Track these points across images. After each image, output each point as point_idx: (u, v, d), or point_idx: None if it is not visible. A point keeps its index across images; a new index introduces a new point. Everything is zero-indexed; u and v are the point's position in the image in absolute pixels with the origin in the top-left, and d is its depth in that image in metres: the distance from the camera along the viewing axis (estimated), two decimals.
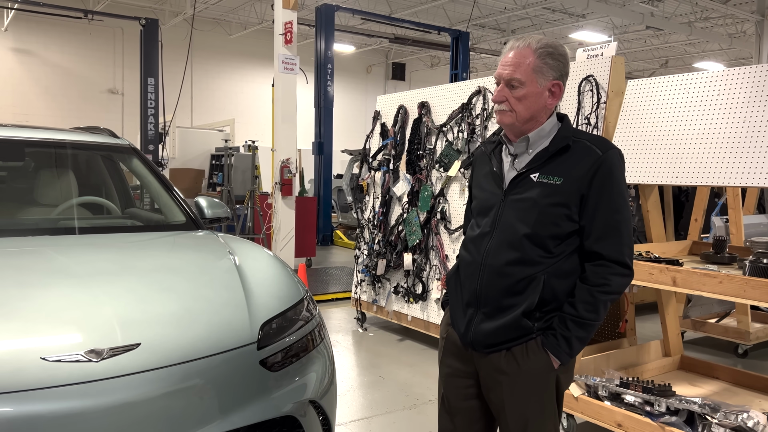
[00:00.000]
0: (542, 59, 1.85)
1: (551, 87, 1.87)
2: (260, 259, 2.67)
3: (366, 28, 16.58)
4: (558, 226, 1.85)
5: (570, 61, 1.95)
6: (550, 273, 1.85)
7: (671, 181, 3.35)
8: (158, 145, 10.52)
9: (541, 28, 17.18)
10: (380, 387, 4.24)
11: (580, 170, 1.83)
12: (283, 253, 8.33)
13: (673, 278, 2.95)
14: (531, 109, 1.86)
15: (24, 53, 16.28)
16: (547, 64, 1.85)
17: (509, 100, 1.88)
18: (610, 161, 1.83)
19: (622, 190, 1.84)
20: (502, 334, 1.87)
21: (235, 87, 19.25)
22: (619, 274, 1.82)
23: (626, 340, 4.19)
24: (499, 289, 1.88)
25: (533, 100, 1.86)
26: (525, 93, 1.85)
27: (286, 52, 8.18)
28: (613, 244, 1.83)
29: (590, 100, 3.91)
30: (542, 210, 1.84)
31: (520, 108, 1.87)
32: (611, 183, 1.82)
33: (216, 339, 2.02)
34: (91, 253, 2.52)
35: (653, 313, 6.11)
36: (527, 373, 1.88)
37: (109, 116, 17.28)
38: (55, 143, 3.31)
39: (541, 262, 1.85)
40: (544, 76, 1.85)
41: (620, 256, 1.82)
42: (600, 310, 1.83)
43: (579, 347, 1.85)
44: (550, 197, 1.84)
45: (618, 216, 1.82)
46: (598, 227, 1.83)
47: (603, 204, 1.82)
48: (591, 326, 1.83)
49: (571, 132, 1.92)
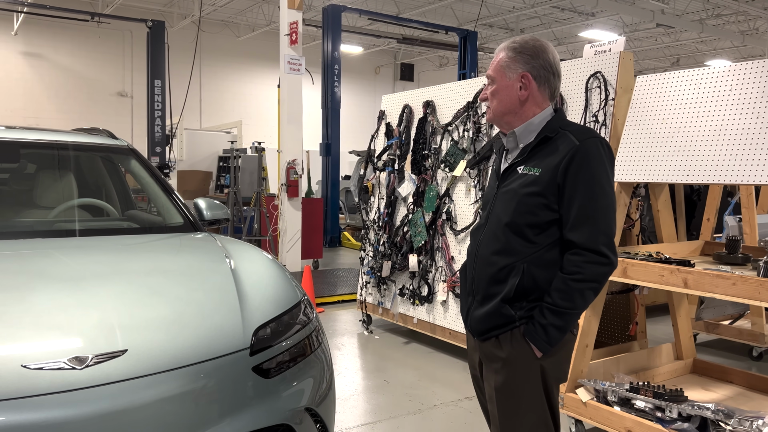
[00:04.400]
0: (508, 54, 1.94)
1: (521, 79, 1.93)
2: (256, 262, 2.60)
3: (374, 28, 16.51)
4: (535, 215, 1.89)
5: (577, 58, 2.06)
6: (530, 262, 1.90)
7: (682, 180, 3.24)
8: (165, 147, 10.50)
9: (550, 27, 17.04)
10: (385, 391, 4.16)
11: (556, 159, 1.88)
12: (290, 255, 8.28)
13: (685, 280, 2.85)
14: (504, 103, 1.95)
15: (34, 57, 16.38)
16: (513, 59, 1.93)
17: (488, 97, 2.01)
18: (585, 149, 1.85)
19: (600, 178, 1.85)
20: (488, 321, 1.96)
21: (244, 89, 19.27)
22: (593, 262, 1.83)
23: (637, 343, 4.09)
24: (486, 278, 1.97)
25: (504, 94, 1.94)
26: (496, 88, 1.96)
27: (291, 52, 8.14)
28: (587, 233, 1.84)
29: (598, 96, 3.82)
30: (520, 200, 1.91)
31: (494, 103, 1.98)
32: (586, 171, 1.84)
33: (207, 345, 1.95)
34: (83, 255, 2.46)
35: (665, 315, 5.99)
36: (511, 362, 1.94)
37: (119, 119, 17.35)
38: (51, 144, 3.26)
39: (521, 251, 1.91)
40: (511, 69, 1.93)
41: (594, 245, 1.83)
42: (575, 299, 1.84)
43: (556, 335, 1.87)
44: (527, 187, 1.90)
45: (593, 204, 1.84)
46: (572, 216, 1.85)
47: (578, 193, 1.84)
48: (567, 315, 1.85)
49: (559, 124, 1.95)
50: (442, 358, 4.88)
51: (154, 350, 1.84)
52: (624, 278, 3.14)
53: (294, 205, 8.30)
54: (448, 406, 3.90)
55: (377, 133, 5.75)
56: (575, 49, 18.96)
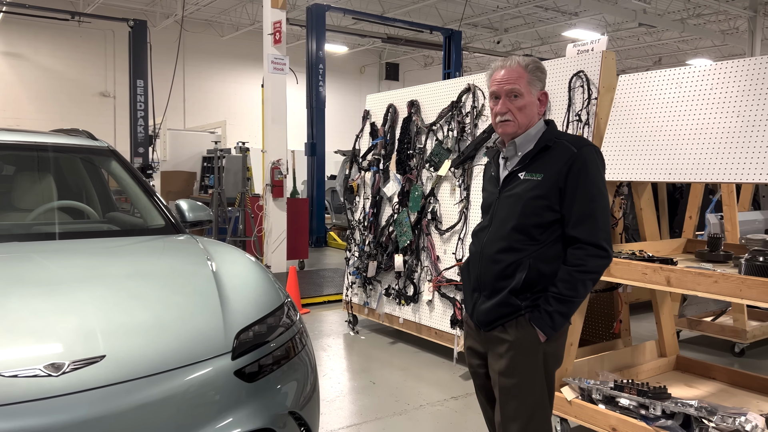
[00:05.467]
0: (533, 73, 2.17)
1: (540, 96, 2.21)
2: (238, 264, 2.57)
3: (359, 28, 16.49)
4: (540, 216, 2.11)
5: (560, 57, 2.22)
6: (535, 257, 2.11)
7: (665, 179, 3.26)
8: (148, 147, 10.40)
9: (533, 27, 17.12)
10: (371, 392, 4.14)
11: (557, 166, 2.10)
12: (275, 256, 8.24)
13: (667, 278, 2.86)
14: (528, 117, 2.17)
15: (14, 57, 16.15)
16: (537, 77, 2.18)
17: (511, 111, 2.16)
18: (583, 156, 2.08)
19: (597, 182, 2.09)
20: (495, 311, 2.15)
21: (228, 89, 19.15)
22: (594, 255, 2.06)
23: (621, 340, 4.11)
24: (492, 274, 2.17)
25: (530, 109, 2.17)
26: (524, 103, 2.16)
27: (275, 51, 8.09)
28: (588, 229, 2.07)
29: (581, 96, 3.83)
30: (525, 203, 2.13)
31: (520, 117, 2.17)
32: (585, 175, 2.07)
33: (187, 349, 1.92)
34: (61, 259, 2.42)
35: (648, 312, 6.03)
36: (516, 345, 2.13)
37: (101, 120, 17.17)
38: (29, 146, 3.21)
39: (526, 248, 2.12)
40: (535, 87, 2.18)
41: (595, 239, 2.06)
42: (578, 288, 2.06)
43: (560, 321, 2.09)
44: (531, 191, 2.12)
45: (592, 204, 2.06)
46: (574, 215, 2.08)
47: (578, 194, 2.07)
48: (570, 302, 2.07)
49: (554, 134, 2.20)
50: (428, 357, 4.88)
51: (134, 355, 1.81)
52: (608, 277, 3.15)
53: (279, 205, 8.26)
54: (434, 406, 3.89)
55: (362, 133, 5.73)
56: (558, 49, 19.07)
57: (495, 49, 18.77)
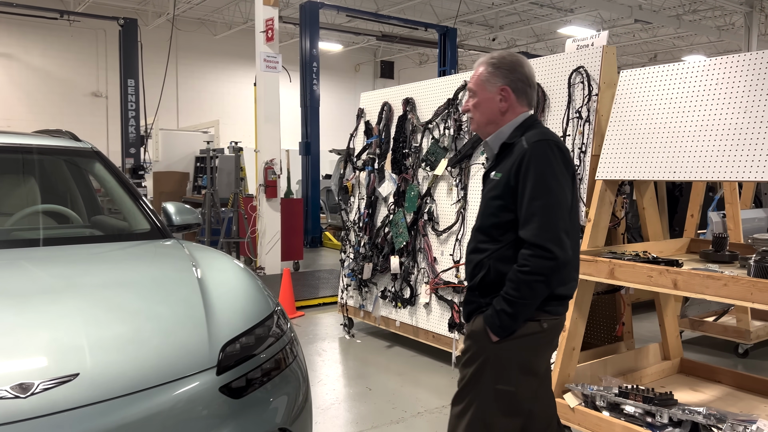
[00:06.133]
0: (488, 69, 2.13)
1: (500, 92, 2.12)
2: (226, 271, 2.45)
3: (353, 26, 16.34)
4: (497, 216, 2.09)
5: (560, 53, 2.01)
6: (495, 258, 2.09)
7: (668, 177, 3.15)
8: (140, 148, 10.24)
9: (529, 24, 17.01)
10: (367, 399, 4.02)
11: (510, 164, 2.07)
12: (269, 257, 8.11)
13: (674, 281, 2.75)
14: (486, 114, 2.15)
15: (4, 57, 15.93)
16: (492, 73, 2.12)
17: (470, 110, 2.20)
18: (531, 152, 2.01)
19: (544, 179, 1.98)
20: (466, 307, 2.21)
21: (222, 88, 18.96)
22: (537, 256, 1.96)
23: (624, 343, 4.00)
24: (467, 273, 2.23)
25: (486, 106, 2.14)
26: (478, 101, 2.16)
27: (267, 49, 7.96)
28: (532, 229, 1.98)
29: (581, 92, 3.72)
30: (486, 203, 2.15)
31: (477, 114, 2.18)
32: (532, 172, 1.99)
33: (169, 364, 1.80)
34: (36, 268, 2.29)
35: (649, 312, 5.93)
36: (471, 336, 2.16)
37: (94, 120, 16.98)
38: (9, 148, 3.07)
39: (487, 249, 2.11)
40: (491, 83, 2.12)
41: (537, 239, 1.96)
42: (522, 290, 1.98)
43: (507, 322, 2.02)
44: (491, 191, 2.13)
45: (536, 202, 1.97)
46: (522, 214, 2.02)
47: (526, 192, 2.00)
48: (516, 304, 2.00)
49: (522, 131, 2.12)
50: (425, 362, 4.76)
51: (110, 373, 1.68)
52: (611, 279, 3.04)
53: (273, 205, 8.13)
54: (432, 413, 3.78)
55: (356, 132, 5.61)
56: (554, 46, 18.97)
57: (490, 46, 18.65)
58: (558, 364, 3.35)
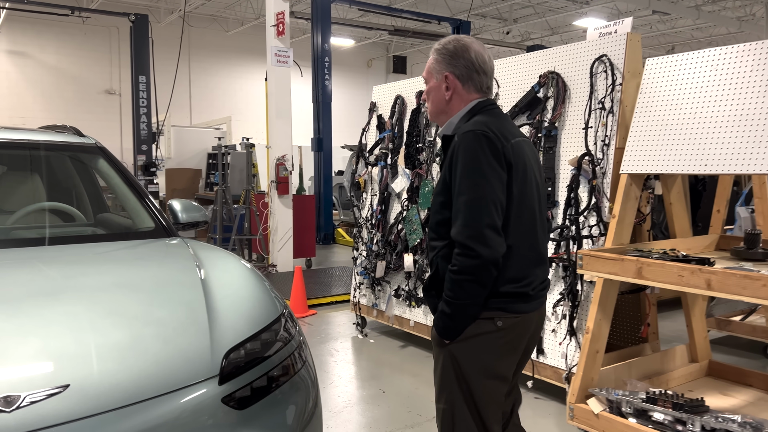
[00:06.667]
0: (434, 57, 2.03)
1: (444, 79, 2.01)
2: (231, 272, 2.32)
3: (365, 20, 16.18)
4: (440, 214, 1.98)
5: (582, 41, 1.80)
6: (440, 256, 1.98)
7: (698, 170, 2.98)
8: (152, 145, 10.18)
9: (543, 16, 16.75)
10: (380, 402, 3.89)
11: (446, 158, 1.96)
12: (281, 255, 8.01)
13: (708, 281, 2.58)
14: (435, 102, 2.06)
15: (19, 55, 15.98)
16: (437, 61, 2.02)
17: (425, 99, 2.12)
18: (457, 145, 1.88)
19: (468, 172, 1.85)
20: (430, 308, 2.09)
21: (234, 84, 18.91)
22: (462, 255, 1.84)
23: (649, 345, 3.83)
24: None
25: (434, 94, 2.05)
26: (428, 89, 2.08)
27: (278, 44, 7.84)
28: (457, 227, 1.87)
29: (604, 82, 3.54)
30: (433, 200, 2.05)
31: (429, 103, 2.09)
32: (457, 166, 1.87)
33: (168, 374, 1.67)
34: (32, 269, 2.17)
35: (672, 310, 5.75)
36: (432, 340, 2.07)
37: (107, 117, 17.00)
38: (9, 143, 2.97)
39: (436, 247, 2.01)
40: (437, 71, 2.02)
41: (460, 237, 1.84)
42: (455, 290, 1.87)
43: (447, 323, 1.92)
44: (436, 188, 2.03)
45: (461, 198, 1.85)
46: (453, 211, 1.90)
47: (454, 188, 1.89)
48: (452, 304, 1.89)
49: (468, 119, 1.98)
50: None
51: (104, 384, 1.56)
52: (639, 279, 2.87)
53: (284, 202, 8.02)
54: None
55: (368, 126, 5.47)
56: (569, 39, 18.67)
57: (504, 39, 18.40)
58: (581, 368, 3.20)
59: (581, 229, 3.61)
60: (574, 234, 3.62)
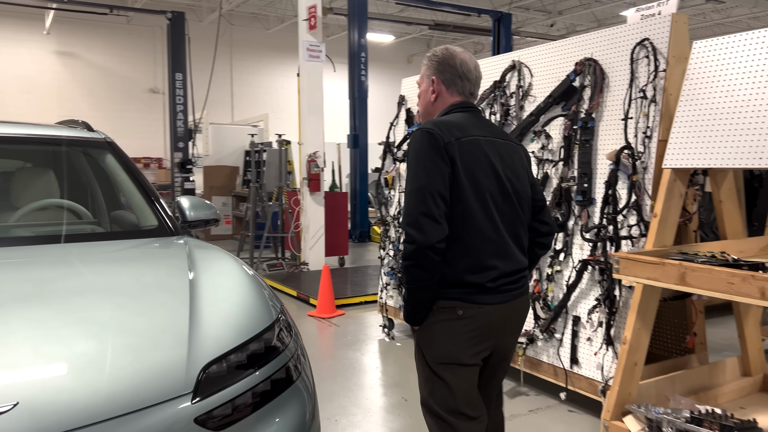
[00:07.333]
0: (425, 63, 2.21)
1: (432, 83, 2.18)
2: (225, 274, 2.15)
3: (405, 15, 15.93)
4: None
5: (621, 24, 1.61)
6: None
7: (754, 165, 2.66)
8: (188, 142, 10.21)
9: (589, 8, 16.15)
10: (402, 411, 3.68)
11: None
12: (313, 253, 7.88)
13: (762, 289, 2.27)
14: (423, 105, 2.24)
15: (67, 56, 16.39)
16: (427, 66, 2.20)
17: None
18: (410, 141, 2.04)
19: (412, 164, 1.99)
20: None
21: (275, 82, 18.97)
22: (405, 241, 1.96)
23: (696, 356, 3.51)
24: None
25: (423, 98, 2.23)
26: (419, 92, 2.26)
27: (310, 38, 7.70)
28: (402, 215, 2.01)
29: (646, 68, 3.24)
30: None
31: (419, 105, 2.27)
32: (408, 160, 2.03)
33: (135, 391, 1.50)
34: (6, 271, 2.04)
35: (722, 316, 5.34)
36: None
37: (152, 116, 17.29)
38: (13, 138, 2.88)
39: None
40: (427, 76, 2.20)
41: (402, 225, 1.97)
42: (405, 275, 1.98)
43: (407, 308, 2.04)
44: None
45: (406, 189, 1.99)
46: None
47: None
48: (407, 290, 2.01)
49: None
50: None
51: (58, 402, 1.40)
52: (682, 286, 2.57)
53: (316, 199, 7.88)
54: None
55: (397, 120, 5.26)
56: None
57: (549, 33, 17.86)
58: (617, 382, 2.91)
59: (620, 230, 3.31)
60: (612, 234, 3.33)
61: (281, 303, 2.19)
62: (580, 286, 3.54)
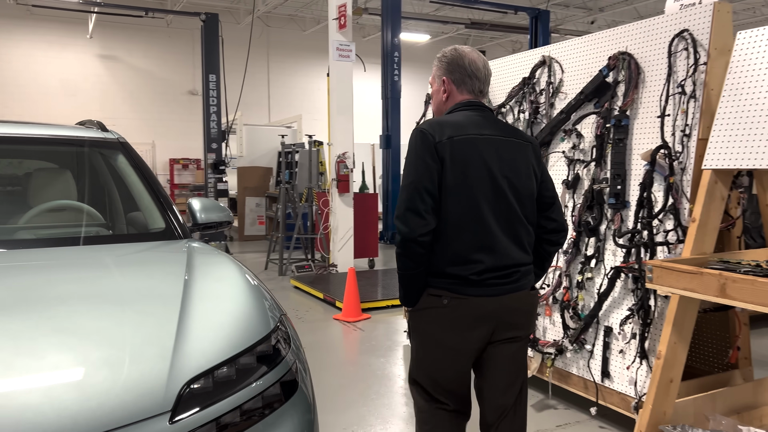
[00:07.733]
0: (436, 64, 2.29)
1: (443, 83, 2.26)
2: (222, 281, 2.04)
3: (441, 15, 15.73)
4: None
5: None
6: None
7: None
8: (221, 143, 10.25)
9: (631, 3, 15.66)
10: None
11: None
12: (342, 254, 7.79)
13: None
14: (435, 104, 2.31)
15: (109, 59, 16.75)
16: (437, 67, 2.28)
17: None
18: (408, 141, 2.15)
19: (406, 162, 2.10)
20: None
21: (311, 83, 19.01)
22: (396, 232, 2.08)
23: (739, 372, 3.25)
24: None
25: (436, 97, 2.30)
26: (432, 92, 2.33)
27: (340, 37, 7.61)
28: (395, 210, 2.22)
29: (685, 62, 3.01)
30: None
31: (432, 104, 2.35)
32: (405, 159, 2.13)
33: (108, 409, 1.40)
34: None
35: None
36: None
37: (191, 118, 17.52)
38: (22, 139, 2.84)
39: None
40: (437, 76, 2.28)
41: (394, 218, 2.09)
42: (397, 261, 2.11)
43: (401, 292, 2.16)
44: None
45: (401, 184, 2.10)
46: None
47: None
48: (399, 276, 2.13)
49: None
50: None
51: (22, 423, 1.30)
52: (722, 298, 2.35)
53: (345, 201, 7.78)
54: None
55: (423, 119, 5.09)
56: None
57: (589, 30, 17.40)
58: (650, 399, 2.70)
59: (655, 235, 3.09)
60: (647, 240, 3.10)
61: (282, 312, 2.07)
62: (613, 295, 3.32)
